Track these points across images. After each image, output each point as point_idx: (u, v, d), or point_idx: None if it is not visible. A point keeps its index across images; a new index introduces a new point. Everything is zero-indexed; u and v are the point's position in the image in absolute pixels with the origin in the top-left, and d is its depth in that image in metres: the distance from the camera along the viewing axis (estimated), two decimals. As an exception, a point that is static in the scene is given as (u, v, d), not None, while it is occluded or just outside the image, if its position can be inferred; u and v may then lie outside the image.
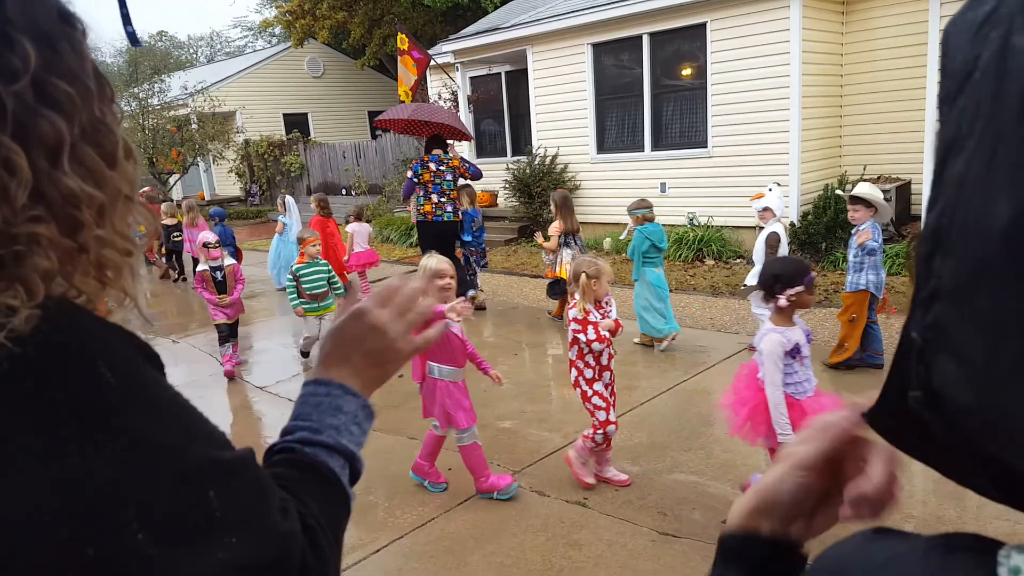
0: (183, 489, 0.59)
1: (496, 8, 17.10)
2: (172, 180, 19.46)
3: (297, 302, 5.79)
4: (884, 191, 8.42)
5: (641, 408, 4.71)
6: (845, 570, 0.49)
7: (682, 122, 9.89)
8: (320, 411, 0.82)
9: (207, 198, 21.34)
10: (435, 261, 3.67)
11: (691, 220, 9.64)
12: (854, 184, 8.43)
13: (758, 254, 5.42)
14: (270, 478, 0.70)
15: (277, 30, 28.90)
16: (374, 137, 19.84)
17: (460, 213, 7.33)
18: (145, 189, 10.14)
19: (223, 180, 22.26)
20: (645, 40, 9.81)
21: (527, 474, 3.89)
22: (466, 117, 12.30)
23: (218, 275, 5.81)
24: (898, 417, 0.46)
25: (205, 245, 5.82)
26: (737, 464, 3.87)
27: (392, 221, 13.24)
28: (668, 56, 9.84)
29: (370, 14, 20.15)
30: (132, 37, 3.67)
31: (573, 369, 3.65)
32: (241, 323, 6.26)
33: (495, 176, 12.22)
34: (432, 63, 12.02)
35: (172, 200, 12.91)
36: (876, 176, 8.98)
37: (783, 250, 5.44)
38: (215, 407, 5.41)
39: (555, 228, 6.44)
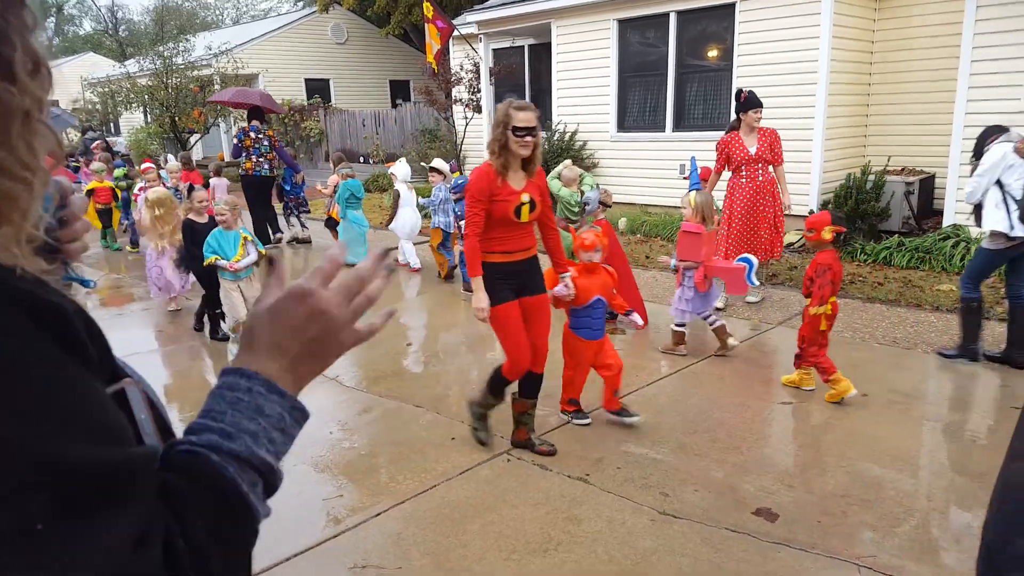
0: None
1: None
2: (193, 140, 19.51)
3: None
4: (907, 183, 8.30)
5: (647, 388, 4.71)
6: None
7: (705, 104, 9.75)
8: (237, 411, 0.68)
9: (227, 159, 21.39)
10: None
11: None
12: (877, 175, 8.31)
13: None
14: (146, 491, 0.57)
15: (302, -7, 28.72)
16: (395, 106, 19.75)
17: (276, 169, 9.55)
18: (96, 143, 10.42)
19: (243, 143, 22.28)
20: (672, 18, 9.65)
21: (530, 448, 3.91)
22: (487, 90, 12.19)
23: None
24: None
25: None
26: (741, 448, 3.86)
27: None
28: (695, 36, 9.68)
29: (396, -19, 19.94)
30: None
31: None
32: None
33: (514, 151, 12.13)
34: (455, 33, 11.90)
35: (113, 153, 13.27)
36: (900, 168, 8.83)
37: (407, 202, 8.01)
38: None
39: (332, 180, 8.88)
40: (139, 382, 0.72)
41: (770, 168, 6.40)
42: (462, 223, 7.10)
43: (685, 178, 6.96)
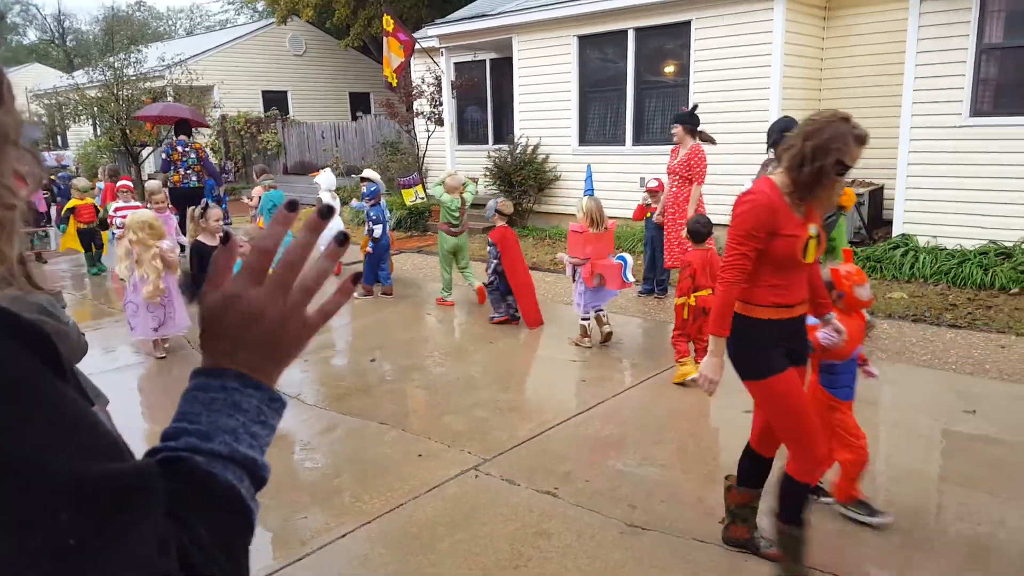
0: (21, 510, 0.47)
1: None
2: (145, 153, 19.06)
3: None
4: (858, 195, 8.54)
5: (613, 400, 4.74)
6: None
7: (664, 118, 9.92)
8: (212, 411, 0.67)
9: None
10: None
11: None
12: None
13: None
14: (159, 501, 0.57)
15: (260, 5, 28.41)
16: (355, 118, 19.61)
17: (204, 181, 10.01)
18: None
19: (198, 156, 21.84)
20: (631, 35, 9.82)
21: (497, 463, 3.89)
22: (449, 103, 12.21)
23: None
24: None
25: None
26: (707, 459, 3.91)
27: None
28: (652, 52, 9.87)
29: (355, -6, 19.87)
30: None
31: None
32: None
33: (476, 164, 12.15)
34: (417, 47, 11.90)
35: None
36: (851, 180, 9.09)
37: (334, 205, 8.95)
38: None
39: (257, 192, 9.45)
40: (104, 404, 0.71)
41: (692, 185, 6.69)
42: (375, 227, 7.43)
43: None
